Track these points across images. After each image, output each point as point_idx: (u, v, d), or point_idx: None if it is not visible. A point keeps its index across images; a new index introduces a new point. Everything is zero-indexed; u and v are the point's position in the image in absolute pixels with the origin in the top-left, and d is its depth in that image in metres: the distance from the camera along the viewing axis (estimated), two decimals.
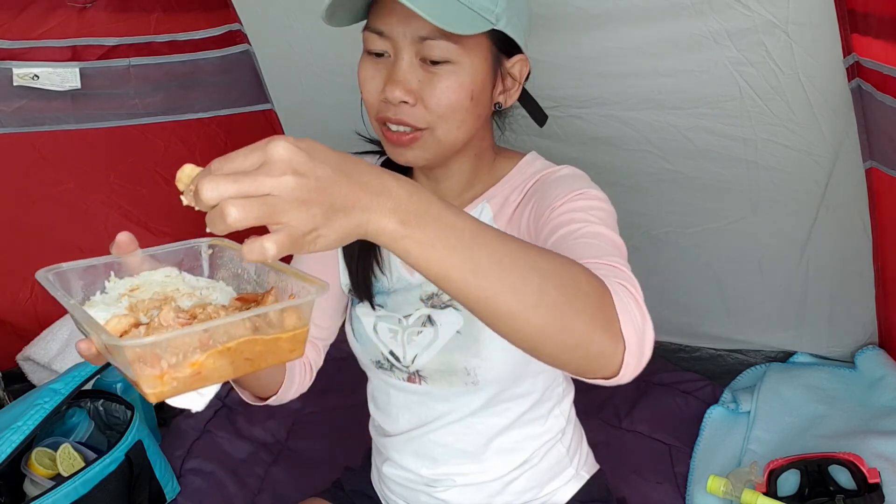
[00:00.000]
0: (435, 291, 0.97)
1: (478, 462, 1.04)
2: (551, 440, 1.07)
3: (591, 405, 1.57)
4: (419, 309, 0.98)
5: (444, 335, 0.96)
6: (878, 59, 1.09)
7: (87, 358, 0.63)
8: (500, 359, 0.94)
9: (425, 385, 1.00)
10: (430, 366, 0.98)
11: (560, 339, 0.62)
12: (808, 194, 1.40)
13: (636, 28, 1.28)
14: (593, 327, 0.63)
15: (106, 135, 1.75)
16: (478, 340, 0.94)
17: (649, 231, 1.64)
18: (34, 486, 1.26)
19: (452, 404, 1.00)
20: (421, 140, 0.86)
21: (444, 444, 1.04)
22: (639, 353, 0.66)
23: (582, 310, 0.62)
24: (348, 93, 1.00)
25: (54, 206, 1.74)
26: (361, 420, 1.25)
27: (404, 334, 0.99)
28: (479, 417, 1.01)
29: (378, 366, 1.03)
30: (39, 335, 1.71)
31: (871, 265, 1.43)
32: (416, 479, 1.08)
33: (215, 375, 0.59)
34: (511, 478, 1.05)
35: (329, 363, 1.86)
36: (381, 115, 0.87)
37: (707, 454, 1.44)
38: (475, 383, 0.96)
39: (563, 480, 1.10)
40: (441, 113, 0.84)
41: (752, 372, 1.64)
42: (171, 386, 0.57)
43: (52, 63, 1.59)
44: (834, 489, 1.24)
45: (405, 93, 0.83)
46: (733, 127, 1.36)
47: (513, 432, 1.03)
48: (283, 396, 0.99)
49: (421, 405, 1.02)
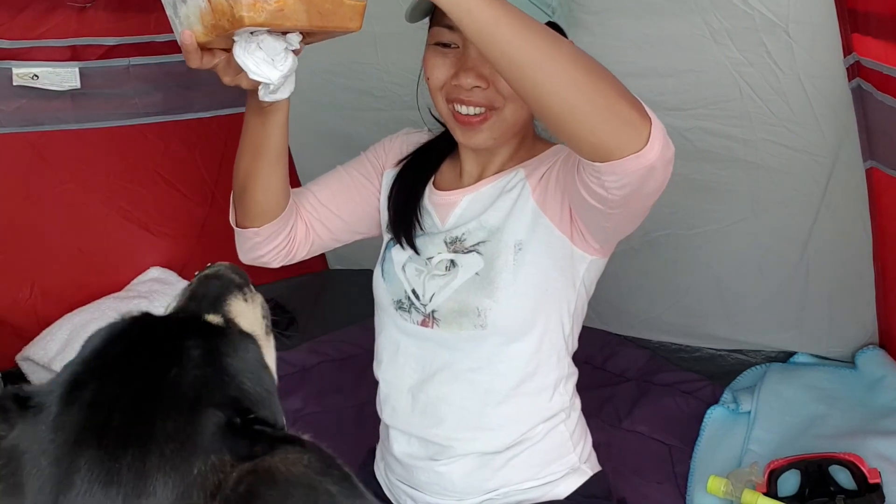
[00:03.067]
0: (458, 236, 1.06)
1: (479, 428, 1.06)
2: (553, 419, 1.08)
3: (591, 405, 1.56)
4: (441, 252, 1.06)
5: (462, 276, 1.03)
6: (878, 58, 1.09)
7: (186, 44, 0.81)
8: (510, 303, 1.01)
9: (436, 329, 1.05)
10: (446, 305, 1.04)
11: (591, 97, 0.74)
12: (808, 194, 1.40)
13: (636, 27, 1.27)
14: (622, 97, 0.76)
15: (106, 135, 1.75)
16: (493, 283, 1.01)
17: (649, 233, 1.64)
18: None
19: (458, 353, 1.05)
20: (490, 120, 0.98)
21: (449, 402, 1.07)
22: (664, 138, 0.78)
23: (612, 85, 0.76)
24: (348, 93, 1.02)
25: (54, 206, 1.74)
26: (361, 420, 1.25)
27: (428, 273, 1.06)
28: (481, 374, 1.05)
29: (398, 306, 1.09)
30: (39, 335, 1.71)
31: (872, 265, 1.43)
32: (419, 452, 1.10)
33: (293, 17, 0.74)
34: (512, 454, 1.07)
35: (329, 364, 1.87)
36: (452, 97, 0.98)
37: (707, 454, 1.44)
38: (483, 326, 1.01)
39: (565, 467, 1.10)
40: (511, 94, 0.95)
41: (753, 372, 1.64)
42: (261, 14, 0.72)
43: (52, 63, 1.59)
44: (834, 489, 1.24)
45: (478, 78, 0.95)
46: (733, 127, 1.36)
47: (514, 400, 1.06)
48: (271, 234, 1.08)
49: (428, 352, 1.08)
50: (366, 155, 1.21)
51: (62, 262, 1.78)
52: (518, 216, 1.02)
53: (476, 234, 1.04)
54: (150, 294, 1.82)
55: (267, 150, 1.00)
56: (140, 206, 1.87)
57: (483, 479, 1.07)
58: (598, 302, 1.83)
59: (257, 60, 0.78)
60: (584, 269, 1.04)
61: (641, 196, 0.85)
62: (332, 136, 1.78)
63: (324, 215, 1.16)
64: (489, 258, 1.02)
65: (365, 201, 1.18)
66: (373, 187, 1.18)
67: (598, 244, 1.02)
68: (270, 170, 1.02)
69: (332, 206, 1.16)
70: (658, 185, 0.84)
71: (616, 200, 0.85)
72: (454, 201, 1.09)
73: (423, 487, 1.11)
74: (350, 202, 1.18)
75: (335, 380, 1.80)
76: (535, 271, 1.01)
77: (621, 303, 1.80)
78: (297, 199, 1.14)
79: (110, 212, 1.83)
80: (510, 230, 1.02)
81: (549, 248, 1.01)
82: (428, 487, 1.10)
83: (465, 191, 1.08)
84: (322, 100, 1.78)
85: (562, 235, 1.01)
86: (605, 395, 1.65)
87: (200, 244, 1.97)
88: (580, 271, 1.04)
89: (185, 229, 1.95)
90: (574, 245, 1.02)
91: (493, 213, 1.04)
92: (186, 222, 1.95)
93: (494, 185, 1.06)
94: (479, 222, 1.05)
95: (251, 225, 1.08)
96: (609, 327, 1.85)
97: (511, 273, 1.01)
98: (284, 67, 0.80)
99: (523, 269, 1.01)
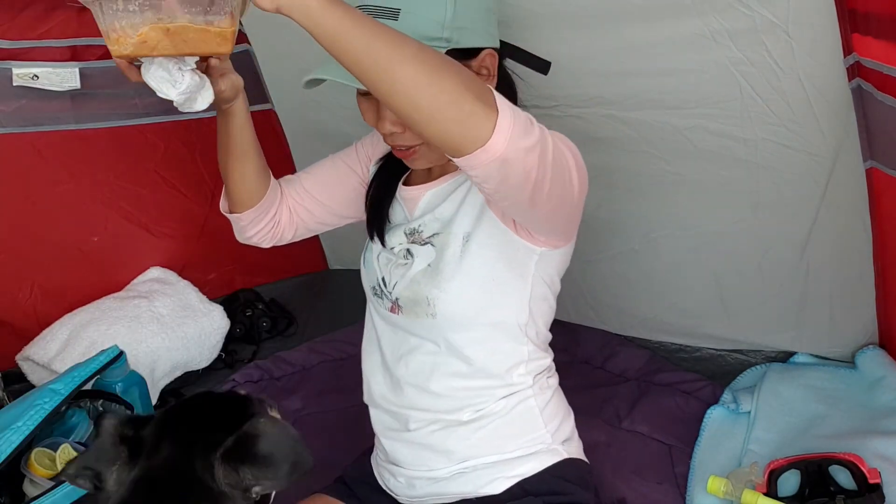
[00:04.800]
0: (416, 228, 1.12)
1: (441, 402, 1.12)
2: (517, 394, 1.12)
3: (591, 405, 1.57)
4: (401, 243, 1.13)
5: (417, 266, 1.09)
6: (878, 58, 1.09)
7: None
8: (456, 293, 1.06)
9: (401, 315, 1.12)
10: (404, 294, 1.10)
11: (434, 94, 0.76)
12: (808, 194, 1.40)
13: (636, 28, 1.27)
14: (467, 91, 0.77)
15: (106, 135, 1.75)
16: (441, 273, 1.07)
17: (649, 233, 1.64)
18: (34, 486, 1.26)
19: (418, 338, 1.11)
20: (419, 152, 1.04)
21: (414, 380, 1.13)
22: (515, 127, 0.78)
23: (457, 80, 0.77)
24: (347, 93, 1.02)
25: (54, 207, 1.74)
26: (361, 420, 1.25)
27: (393, 263, 1.14)
28: (440, 357, 1.10)
29: (374, 292, 1.17)
30: (39, 335, 1.71)
31: (872, 265, 1.42)
32: (392, 423, 1.17)
33: (158, 47, 0.80)
34: (477, 426, 1.11)
35: (328, 364, 1.88)
36: (386, 141, 1.05)
37: (707, 454, 1.44)
38: (433, 315, 1.07)
39: (534, 444, 1.12)
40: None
41: (753, 372, 1.64)
42: (126, 47, 0.80)
43: (52, 63, 1.59)
44: (834, 489, 1.24)
45: (393, 125, 1.00)
46: (733, 127, 1.36)
47: (472, 380, 1.11)
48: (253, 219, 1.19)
49: (397, 336, 1.15)
50: (356, 145, 1.29)
51: (62, 262, 1.78)
52: (468, 209, 1.08)
53: (431, 226, 1.11)
54: (150, 294, 1.82)
55: (232, 146, 1.11)
56: (140, 206, 1.87)
57: (451, 450, 1.12)
58: (598, 302, 1.86)
59: (158, 80, 0.85)
60: (534, 261, 1.07)
61: (512, 187, 0.85)
62: (331, 136, 1.78)
63: (308, 202, 1.25)
64: (440, 249, 1.08)
65: (351, 188, 1.26)
66: (357, 176, 1.26)
67: (538, 235, 1.05)
68: (238, 163, 1.13)
69: (316, 193, 1.25)
70: (524, 174, 0.83)
71: (491, 193, 0.87)
72: (417, 196, 1.15)
73: (399, 462, 1.17)
74: (335, 190, 1.26)
75: (335, 380, 1.80)
76: (481, 262, 1.06)
77: (621, 303, 1.80)
78: (285, 187, 1.25)
79: (110, 212, 1.83)
80: (459, 222, 1.08)
81: (494, 239, 1.06)
82: (404, 461, 1.16)
83: (427, 186, 1.14)
84: (322, 100, 1.79)
85: (505, 228, 1.05)
86: (604, 395, 1.65)
87: (200, 244, 1.97)
88: (530, 263, 1.08)
89: (185, 229, 1.95)
90: (519, 237, 1.06)
91: (447, 206, 1.10)
92: (186, 222, 1.95)
93: (454, 180, 1.12)
94: (434, 215, 1.11)
95: (235, 210, 1.20)
96: (609, 327, 1.85)
97: (457, 263, 1.06)
98: (182, 86, 0.86)
99: (467, 259, 1.06)
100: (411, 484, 1.17)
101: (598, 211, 1.61)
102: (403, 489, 1.18)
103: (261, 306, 2.04)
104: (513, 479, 1.11)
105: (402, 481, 1.18)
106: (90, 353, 1.53)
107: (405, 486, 1.18)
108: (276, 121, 1.97)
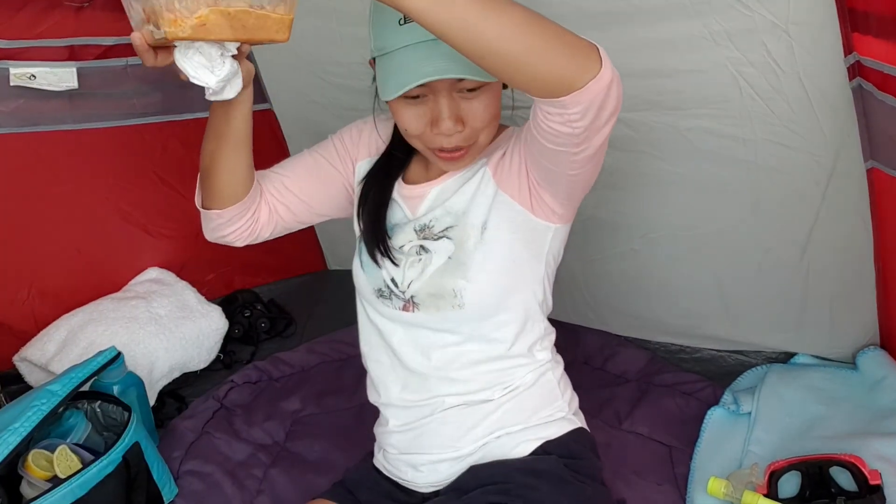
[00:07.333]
0: (426, 224, 1.13)
1: (467, 386, 1.13)
2: (540, 368, 1.16)
3: (591, 406, 1.56)
4: (412, 240, 1.13)
5: (436, 261, 1.10)
6: (878, 58, 1.09)
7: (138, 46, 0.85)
8: (483, 280, 1.08)
9: (417, 313, 1.11)
10: (423, 290, 1.10)
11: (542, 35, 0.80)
12: (809, 194, 1.40)
13: (636, 28, 1.27)
14: (564, 30, 0.81)
15: (104, 135, 1.74)
16: (465, 264, 1.08)
17: (649, 233, 1.63)
18: (31, 487, 1.26)
19: (440, 332, 1.12)
20: (470, 151, 1.06)
21: (437, 373, 1.13)
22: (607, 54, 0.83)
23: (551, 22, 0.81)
24: (347, 93, 1.02)
25: (52, 207, 1.73)
26: (361, 421, 1.25)
27: (404, 262, 1.12)
28: (463, 346, 1.12)
29: (379, 294, 1.15)
30: (36, 336, 1.70)
31: (872, 265, 1.42)
32: (414, 416, 1.16)
33: (216, 31, 0.77)
34: (503, 400, 1.14)
35: (328, 365, 1.87)
36: (434, 146, 1.05)
37: (708, 456, 1.43)
38: (461, 306, 1.08)
39: (554, 412, 1.17)
40: (483, 126, 1.04)
41: (753, 373, 1.63)
42: (183, 30, 0.76)
43: (50, 63, 1.58)
44: (835, 491, 1.24)
45: (456, 122, 1.01)
46: (733, 127, 1.35)
47: (498, 362, 1.13)
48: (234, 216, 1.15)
49: (412, 333, 1.14)
50: (332, 140, 1.26)
51: (60, 263, 1.77)
52: (481, 199, 1.10)
53: (443, 220, 1.12)
54: (148, 295, 1.82)
55: (229, 136, 1.07)
56: (138, 206, 1.87)
57: (475, 425, 1.13)
58: (597, 302, 1.85)
59: (195, 66, 0.83)
60: (549, 238, 1.12)
61: (601, 122, 0.89)
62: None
63: (288, 199, 1.22)
64: (459, 241, 1.09)
65: (332, 187, 1.24)
66: (340, 175, 1.24)
67: (560, 206, 1.08)
68: (232, 155, 1.09)
69: (296, 190, 1.22)
70: (614, 104, 0.88)
71: (581, 133, 0.89)
72: (423, 193, 1.16)
73: (424, 449, 1.16)
74: (318, 189, 1.23)
75: (334, 380, 1.79)
76: (501, 247, 1.09)
77: (621, 303, 1.80)
78: (263, 183, 1.20)
79: (108, 212, 1.82)
80: (475, 212, 1.10)
81: (511, 222, 1.09)
82: (428, 447, 1.16)
83: (432, 183, 1.15)
84: (322, 100, 1.78)
85: (522, 209, 1.09)
86: (604, 396, 1.64)
87: (199, 244, 1.95)
88: (546, 241, 1.12)
89: (184, 229, 1.94)
90: (535, 217, 1.09)
91: (458, 199, 1.12)
92: (185, 222, 1.94)
93: (460, 176, 1.13)
94: (445, 208, 1.12)
95: (215, 207, 1.14)
96: (609, 327, 1.84)
97: (481, 252, 1.08)
98: (221, 73, 0.84)
99: (489, 246, 1.08)
100: (435, 469, 1.16)
101: (598, 211, 1.61)
102: (425, 478, 1.17)
103: (259, 307, 2.04)
104: (537, 441, 1.14)
105: (425, 470, 1.17)
106: (88, 354, 1.53)
107: (428, 473, 1.17)
108: (274, 121, 1.97)
